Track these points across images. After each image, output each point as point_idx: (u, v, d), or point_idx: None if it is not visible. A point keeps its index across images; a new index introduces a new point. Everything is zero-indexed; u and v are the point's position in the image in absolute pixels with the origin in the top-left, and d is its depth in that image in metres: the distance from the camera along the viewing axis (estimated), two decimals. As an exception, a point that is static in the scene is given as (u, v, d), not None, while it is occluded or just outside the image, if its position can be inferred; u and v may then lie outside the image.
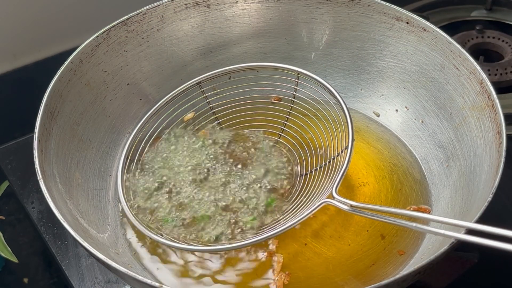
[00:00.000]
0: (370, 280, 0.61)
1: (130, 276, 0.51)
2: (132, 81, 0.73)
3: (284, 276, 0.60)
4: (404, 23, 0.70)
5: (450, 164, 0.67)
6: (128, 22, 0.72)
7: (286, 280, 0.60)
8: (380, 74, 0.74)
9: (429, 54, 0.69)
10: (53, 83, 0.65)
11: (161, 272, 0.62)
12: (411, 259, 0.62)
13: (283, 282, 0.60)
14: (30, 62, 0.93)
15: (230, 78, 0.72)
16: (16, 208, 0.75)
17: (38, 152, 0.60)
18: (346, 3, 0.73)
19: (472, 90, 0.65)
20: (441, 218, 0.54)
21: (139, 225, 0.62)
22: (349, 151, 0.62)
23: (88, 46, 0.69)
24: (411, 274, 0.52)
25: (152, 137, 0.69)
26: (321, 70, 0.76)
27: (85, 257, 0.68)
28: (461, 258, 0.66)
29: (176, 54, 0.75)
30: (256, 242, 0.60)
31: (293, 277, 0.61)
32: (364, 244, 0.64)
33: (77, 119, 0.67)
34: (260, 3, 0.75)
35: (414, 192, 0.68)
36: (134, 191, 0.66)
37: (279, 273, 0.61)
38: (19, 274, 0.70)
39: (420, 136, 0.71)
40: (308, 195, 0.63)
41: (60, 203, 0.58)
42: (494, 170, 0.57)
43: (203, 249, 0.61)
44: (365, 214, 0.56)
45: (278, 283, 0.60)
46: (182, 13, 0.74)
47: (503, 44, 0.89)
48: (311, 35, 0.76)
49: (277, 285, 0.60)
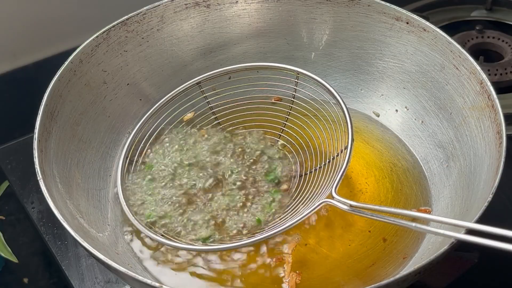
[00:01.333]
0: (370, 280, 0.61)
1: (130, 276, 0.51)
2: (132, 81, 0.73)
3: (296, 276, 0.60)
4: (404, 23, 0.70)
5: (450, 164, 0.67)
6: (128, 22, 0.72)
7: (298, 279, 0.60)
8: (380, 74, 0.74)
9: (429, 54, 0.69)
10: (53, 83, 0.65)
11: (161, 272, 0.62)
12: (411, 259, 0.62)
13: (295, 281, 0.60)
14: (30, 62, 0.93)
15: (230, 78, 0.72)
16: (16, 208, 0.75)
17: (38, 152, 0.60)
18: (346, 3, 0.73)
19: (472, 90, 0.65)
20: (441, 218, 0.54)
21: (139, 224, 0.62)
22: (349, 151, 0.62)
23: (88, 46, 0.69)
24: (411, 274, 0.52)
25: (152, 137, 0.69)
26: (321, 70, 0.76)
27: (85, 257, 0.68)
28: (461, 258, 0.66)
29: (176, 54, 0.75)
30: (255, 242, 0.59)
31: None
32: (364, 244, 0.64)
33: (77, 119, 0.67)
34: (260, 3, 0.75)
35: (414, 192, 0.68)
36: (134, 190, 0.66)
37: (290, 274, 0.61)
38: (19, 274, 0.70)
39: (420, 136, 0.71)
40: (307, 195, 0.63)
41: (60, 203, 0.58)
42: (494, 170, 0.57)
43: (203, 248, 0.61)
44: (365, 214, 0.56)
45: (291, 283, 0.60)
46: (182, 13, 0.74)
47: (503, 44, 0.89)
48: (311, 35, 0.76)
49: (290, 285, 0.60)
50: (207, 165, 0.67)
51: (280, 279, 0.61)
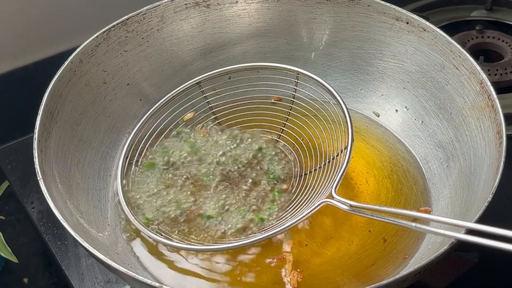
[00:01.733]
0: (370, 280, 0.61)
1: (130, 276, 0.51)
2: (132, 81, 0.73)
3: (297, 274, 0.60)
4: (404, 23, 0.70)
5: (450, 164, 0.67)
6: (128, 22, 0.72)
7: (300, 278, 0.60)
8: (380, 74, 0.74)
9: (429, 54, 0.69)
10: (53, 83, 0.65)
11: (161, 272, 0.62)
12: (411, 259, 0.62)
13: (296, 280, 0.60)
14: (30, 62, 0.93)
15: (230, 78, 0.72)
16: (16, 208, 0.75)
17: (38, 152, 0.60)
18: (346, 3, 0.73)
19: (472, 90, 0.65)
20: (441, 218, 0.54)
21: (138, 224, 0.62)
22: (349, 151, 0.62)
23: (88, 46, 0.69)
24: (411, 274, 0.52)
25: (152, 136, 0.69)
26: (321, 70, 0.76)
27: (85, 257, 0.68)
28: (461, 258, 0.66)
29: (176, 54, 0.75)
30: (255, 242, 0.60)
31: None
32: (364, 244, 0.64)
33: (77, 119, 0.67)
34: (260, 3, 0.75)
35: (414, 192, 0.68)
36: (134, 190, 0.66)
37: (291, 272, 0.61)
38: (19, 274, 0.70)
39: (420, 136, 0.71)
40: (307, 195, 0.63)
41: (60, 203, 0.58)
42: (494, 170, 0.57)
43: (203, 248, 0.61)
44: (365, 214, 0.56)
45: (292, 281, 0.60)
46: (182, 13, 0.74)
47: (503, 44, 0.89)
48: (311, 35, 0.76)
49: (292, 283, 0.60)
50: (207, 165, 0.67)
51: (280, 279, 0.61)
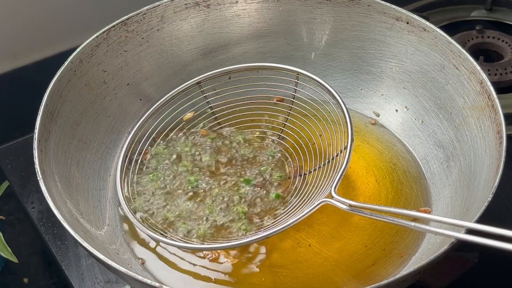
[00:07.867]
0: (370, 280, 0.61)
1: (130, 276, 0.51)
2: (132, 81, 0.73)
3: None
4: (404, 23, 0.70)
5: (450, 164, 0.67)
6: (128, 22, 0.72)
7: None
8: (380, 74, 0.74)
9: (429, 54, 0.69)
10: (53, 83, 0.65)
11: (161, 272, 0.62)
12: (411, 259, 0.62)
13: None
14: (30, 62, 0.93)
15: (230, 78, 0.72)
16: (16, 208, 0.75)
17: (38, 152, 0.60)
18: (346, 3, 0.73)
19: (472, 90, 0.65)
20: (441, 218, 0.54)
21: (138, 224, 0.62)
22: (348, 151, 0.62)
23: (88, 46, 0.69)
24: (411, 274, 0.52)
25: (151, 136, 0.69)
26: (321, 70, 0.76)
27: (85, 257, 0.68)
28: (461, 258, 0.66)
29: (176, 54, 0.75)
30: (255, 241, 0.60)
31: (292, 277, 0.61)
32: (364, 244, 0.64)
33: (77, 119, 0.67)
34: (260, 3, 0.75)
35: (414, 192, 0.68)
36: (134, 190, 0.66)
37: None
38: (19, 274, 0.70)
39: (420, 136, 0.71)
40: (307, 195, 0.63)
41: (60, 203, 0.58)
42: (494, 170, 0.57)
43: (203, 247, 0.61)
44: (364, 213, 0.56)
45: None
46: (182, 13, 0.74)
47: (503, 44, 0.89)
48: (311, 35, 0.76)
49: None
50: (207, 165, 0.67)
51: (281, 279, 0.61)
